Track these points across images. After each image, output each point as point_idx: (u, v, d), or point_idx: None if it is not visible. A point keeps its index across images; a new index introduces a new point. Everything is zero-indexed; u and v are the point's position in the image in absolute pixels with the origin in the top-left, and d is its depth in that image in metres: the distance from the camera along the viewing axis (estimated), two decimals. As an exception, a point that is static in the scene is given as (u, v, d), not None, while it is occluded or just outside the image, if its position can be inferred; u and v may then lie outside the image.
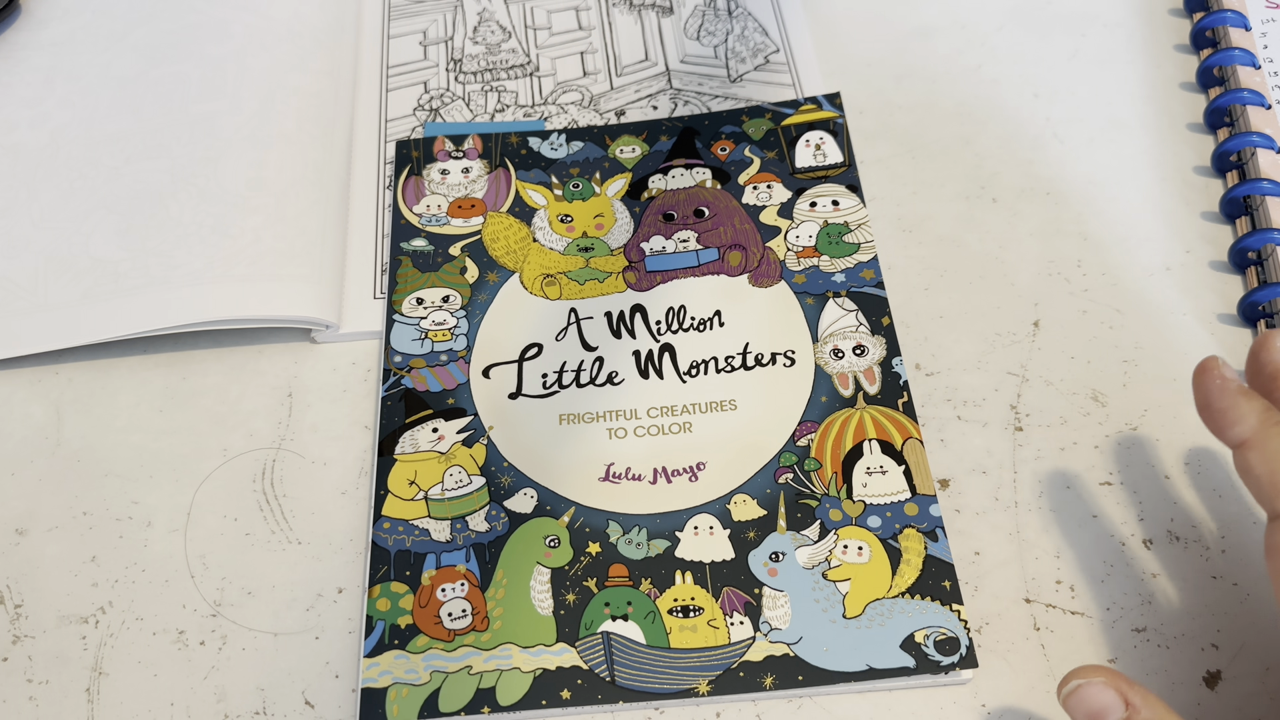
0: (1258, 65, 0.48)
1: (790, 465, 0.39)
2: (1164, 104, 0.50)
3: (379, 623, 0.37)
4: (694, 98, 0.51)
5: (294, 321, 0.43)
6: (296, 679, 0.37)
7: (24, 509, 0.41)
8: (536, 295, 0.44)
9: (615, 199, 0.47)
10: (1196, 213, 0.46)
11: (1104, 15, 0.53)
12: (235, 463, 0.41)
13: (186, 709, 0.36)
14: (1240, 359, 0.42)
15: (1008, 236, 0.46)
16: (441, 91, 0.52)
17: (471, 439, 0.41)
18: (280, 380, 0.43)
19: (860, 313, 0.43)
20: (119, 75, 0.51)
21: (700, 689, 0.35)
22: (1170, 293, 0.44)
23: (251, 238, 0.45)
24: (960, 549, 0.38)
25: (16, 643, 0.38)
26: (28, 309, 0.44)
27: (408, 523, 0.39)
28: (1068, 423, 0.41)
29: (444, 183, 0.48)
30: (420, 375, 0.42)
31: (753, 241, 0.45)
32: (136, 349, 0.45)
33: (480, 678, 0.36)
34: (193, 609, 0.38)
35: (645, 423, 0.41)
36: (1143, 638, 0.36)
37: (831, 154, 0.47)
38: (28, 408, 0.43)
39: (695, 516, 0.39)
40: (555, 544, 0.38)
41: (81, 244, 0.45)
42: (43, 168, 0.48)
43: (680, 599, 0.37)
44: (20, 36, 0.53)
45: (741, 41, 0.53)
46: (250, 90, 0.50)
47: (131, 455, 0.42)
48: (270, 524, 0.40)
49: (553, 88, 0.52)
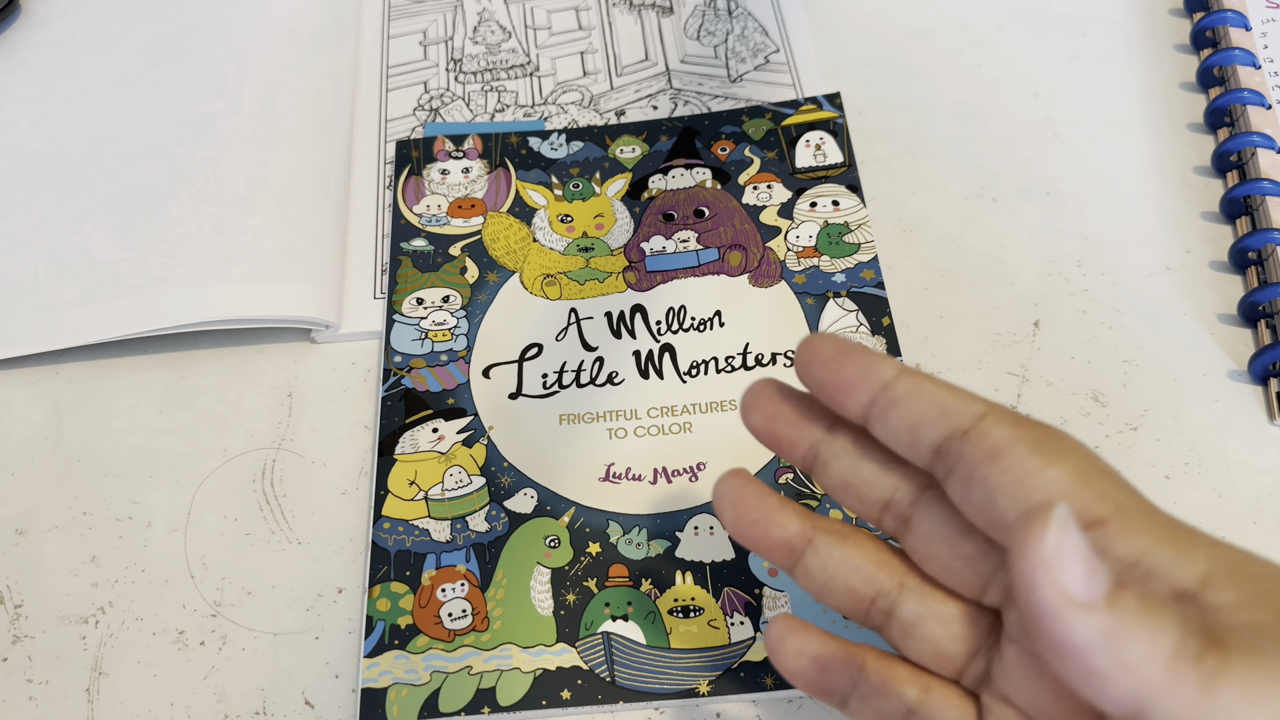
0: (1258, 65, 0.48)
1: (790, 466, 0.39)
2: (1164, 104, 0.50)
3: (379, 623, 0.37)
4: (694, 98, 0.51)
5: (294, 321, 0.43)
6: (296, 679, 0.37)
7: (24, 509, 0.41)
8: (536, 295, 0.44)
9: (615, 199, 0.47)
10: (1196, 213, 0.46)
11: (1104, 15, 0.53)
12: (235, 463, 0.41)
13: (186, 709, 0.36)
14: (1241, 359, 0.42)
15: (1008, 236, 0.46)
16: (441, 91, 0.52)
17: (471, 439, 0.41)
18: (280, 380, 0.43)
19: (860, 313, 0.43)
20: (119, 75, 0.51)
21: (700, 689, 0.35)
22: (1170, 293, 0.44)
23: (251, 238, 0.45)
24: (960, 549, 0.38)
25: (16, 643, 0.38)
26: (28, 309, 0.44)
27: (408, 523, 0.39)
28: (1068, 423, 0.41)
29: (444, 183, 0.48)
30: (420, 375, 0.42)
31: (753, 242, 0.45)
32: (136, 349, 0.44)
33: (480, 678, 0.36)
34: (193, 609, 0.38)
35: (645, 423, 0.41)
36: (1143, 638, 0.36)
37: (832, 154, 0.47)
38: (28, 408, 0.43)
39: (695, 517, 0.39)
40: (555, 544, 0.38)
41: (81, 244, 0.45)
42: (42, 168, 0.48)
43: (680, 599, 0.37)
44: (20, 36, 0.53)
45: (741, 41, 0.53)
46: (250, 90, 0.50)
47: (131, 455, 0.42)
48: (270, 524, 0.40)
49: (553, 88, 0.52)
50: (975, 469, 0.25)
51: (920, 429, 0.26)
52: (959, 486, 0.26)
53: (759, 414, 0.30)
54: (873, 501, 0.29)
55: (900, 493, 0.28)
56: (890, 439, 0.27)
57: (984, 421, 0.26)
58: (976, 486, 0.25)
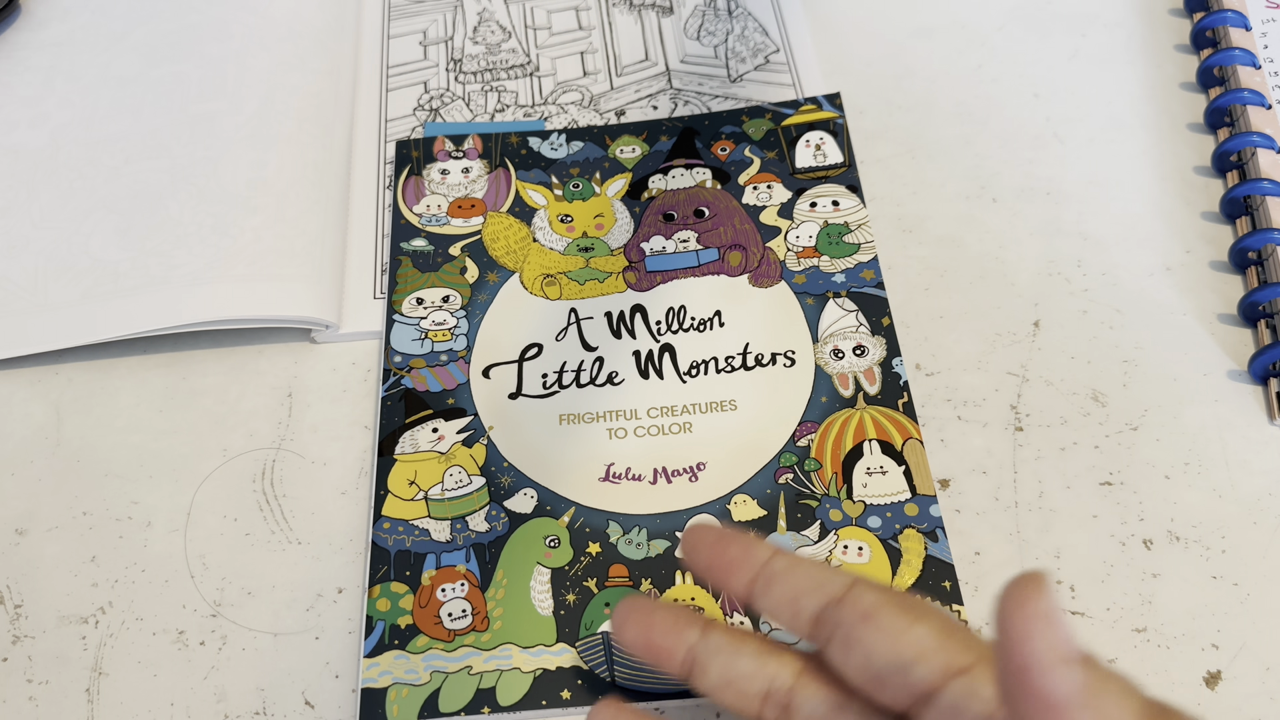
0: (1258, 65, 0.48)
1: (790, 465, 0.39)
2: (1164, 104, 0.50)
3: (379, 623, 0.37)
4: (694, 98, 0.51)
5: (294, 321, 0.43)
6: (296, 679, 0.37)
7: (24, 509, 0.41)
8: (536, 295, 0.44)
9: (615, 199, 0.47)
10: (1196, 213, 0.46)
11: (1104, 15, 0.53)
12: (235, 463, 0.41)
13: (186, 709, 0.36)
14: (1241, 359, 0.42)
15: (1008, 236, 0.46)
16: (441, 91, 0.52)
17: (471, 439, 0.41)
18: (280, 380, 0.43)
19: (860, 313, 0.43)
20: (119, 75, 0.51)
21: (700, 689, 0.35)
22: (1170, 293, 0.44)
23: (251, 238, 0.45)
24: (960, 549, 0.38)
25: (16, 643, 0.38)
26: (28, 309, 0.44)
27: (408, 523, 0.39)
28: (1068, 423, 0.41)
29: (444, 183, 0.48)
30: (420, 375, 0.42)
31: (753, 242, 0.45)
32: (136, 349, 0.44)
33: (480, 678, 0.36)
34: (193, 609, 0.38)
35: (645, 423, 0.41)
36: (1143, 638, 0.36)
37: (831, 154, 0.47)
38: (28, 408, 0.43)
39: (696, 517, 0.39)
40: (555, 544, 0.38)
41: (81, 244, 0.45)
42: (42, 168, 0.48)
43: (681, 599, 0.37)
44: (20, 36, 0.53)
45: (741, 41, 0.53)
46: (250, 90, 0.50)
47: (131, 455, 0.42)
48: (270, 524, 0.40)
49: (553, 88, 0.52)
50: (852, 631, 0.28)
51: (799, 599, 0.29)
52: (839, 650, 0.29)
53: (633, 629, 0.32)
54: (753, 695, 0.30)
55: (778, 680, 0.30)
56: (774, 612, 0.30)
57: (854, 589, 0.29)
58: (855, 647, 0.28)
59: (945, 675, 0.27)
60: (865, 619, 0.28)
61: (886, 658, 0.27)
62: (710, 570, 0.31)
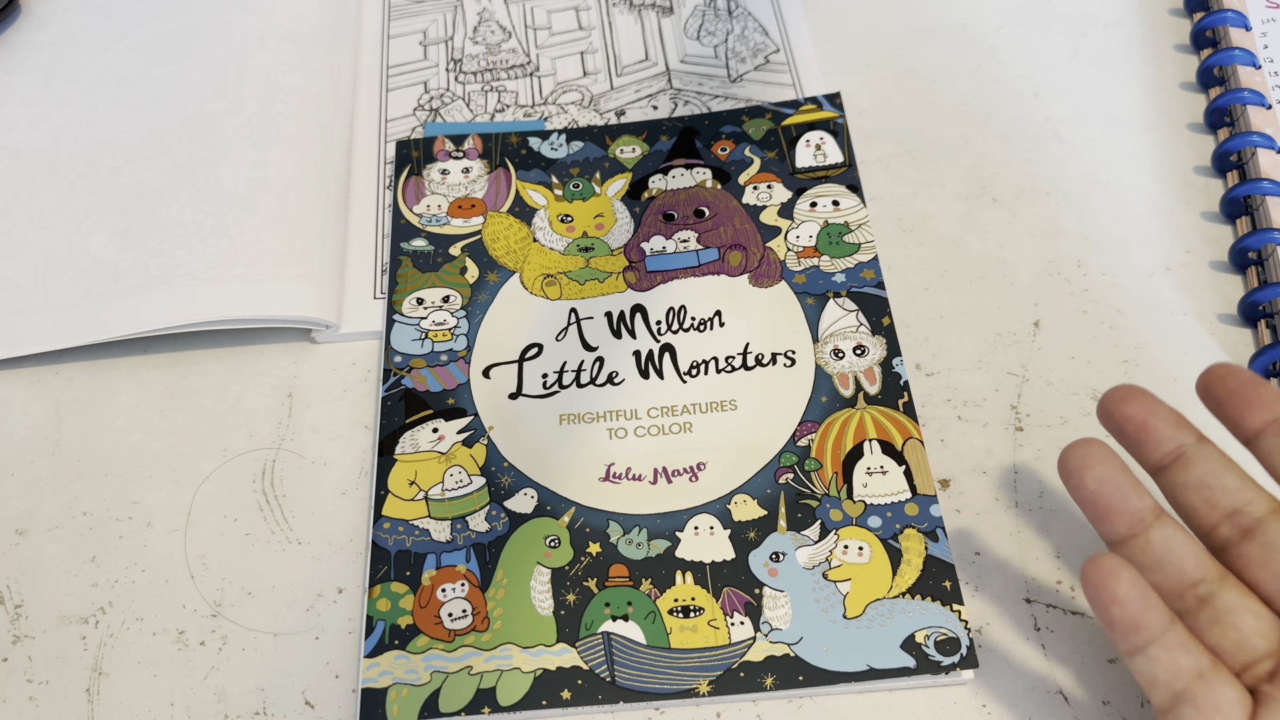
0: (1258, 65, 0.48)
1: (791, 465, 0.39)
2: (1164, 104, 0.50)
3: (379, 623, 0.37)
4: (694, 98, 0.51)
5: (294, 321, 0.43)
6: (296, 679, 0.37)
7: (24, 509, 0.41)
8: (537, 295, 0.44)
9: (615, 199, 0.47)
10: (1196, 213, 0.46)
11: (1104, 15, 0.53)
12: (235, 463, 0.41)
13: (186, 709, 0.36)
14: (1241, 359, 0.42)
15: (1008, 236, 0.46)
16: (441, 91, 0.52)
17: (472, 439, 0.41)
18: (280, 380, 0.43)
19: (860, 313, 0.43)
20: (119, 75, 0.51)
21: (700, 689, 0.35)
22: (1170, 293, 0.44)
23: (251, 238, 0.45)
24: (960, 549, 0.38)
25: (16, 643, 0.38)
26: (28, 309, 0.44)
27: (408, 523, 0.39)
28: (1068, 423, 0.41)
29: (444, 183, 0.48)
30: (420, 375, 0.42)
31: (753, 241, 0.45)
32: (136, 349, 0.44)
33: (480, 678, 0.36)
34: (193, 609, 0.38)
35: (645, 423, 0.41)
36: (1143, 638, 0.36)
37: (832, 154, 0.47)
38: (28, 408, 0.43)
39: (695, 517, 0.39)
40: (555, 544, 0.38)
41: (81, 244, 0.45)
42: (42, 168, 0.48)
43: (681, 599, 0.37)
44: (20, 36, 0.53)
45: (741, 41, 0.53)
46: (250, 90, 0.50)
47: (131, 455, 0.42)
48: (270, 524, 0.40)
49: (553, 88, 0.52)
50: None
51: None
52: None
53: (1136, 406, 0.33)
54: (1221, 507, 0.32)
55: (1253, 506, 0.31)
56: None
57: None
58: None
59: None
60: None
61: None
62: (1228, 400, 0.32)
